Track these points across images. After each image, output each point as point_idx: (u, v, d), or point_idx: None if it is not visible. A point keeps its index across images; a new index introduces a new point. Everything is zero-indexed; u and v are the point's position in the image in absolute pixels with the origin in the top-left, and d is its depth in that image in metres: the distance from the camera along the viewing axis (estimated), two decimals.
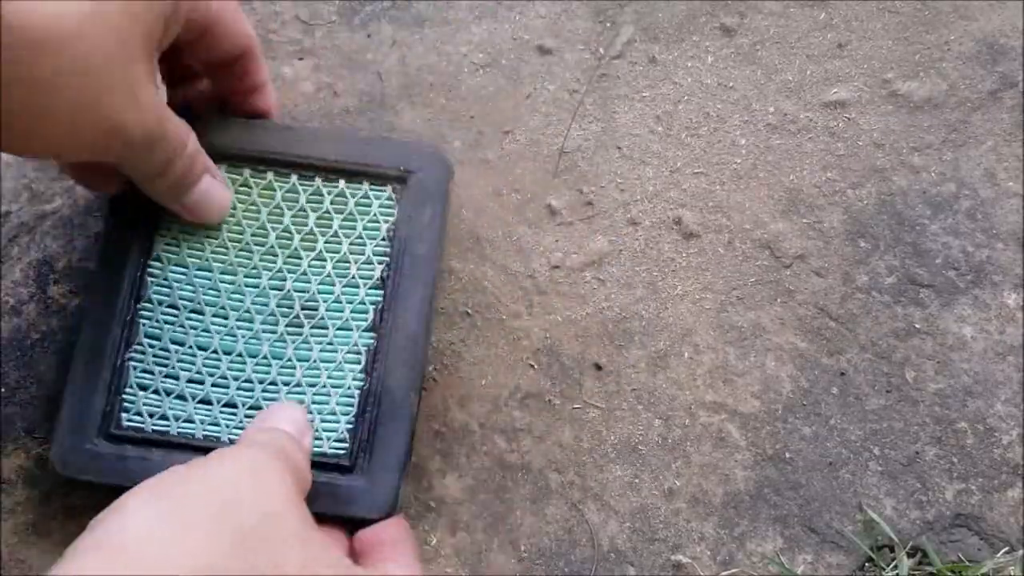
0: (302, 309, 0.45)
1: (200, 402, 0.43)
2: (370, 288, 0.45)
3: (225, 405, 0.43)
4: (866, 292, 0.50)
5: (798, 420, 0.48)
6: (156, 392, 0.43)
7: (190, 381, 0.43)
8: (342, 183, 0.46)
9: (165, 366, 0.44)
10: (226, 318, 0.44)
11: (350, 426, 0.43)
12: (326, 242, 0.46)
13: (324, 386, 0.44)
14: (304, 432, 0.40)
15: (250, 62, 0.45)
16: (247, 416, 0.43)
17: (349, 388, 0.44)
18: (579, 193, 0.51)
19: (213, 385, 0.43)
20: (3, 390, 0.47)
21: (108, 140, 0.39)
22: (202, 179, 0.44)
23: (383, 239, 0.46)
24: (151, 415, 0.43)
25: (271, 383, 0.44)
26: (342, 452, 0.43)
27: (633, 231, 0.50)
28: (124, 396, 0.43)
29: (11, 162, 0.52)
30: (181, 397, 0.43)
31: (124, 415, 0.43)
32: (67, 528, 0.45)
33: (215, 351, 0.44)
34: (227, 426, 0.43)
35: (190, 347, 0.44)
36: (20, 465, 0.46)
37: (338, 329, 0.44)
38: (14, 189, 0.51)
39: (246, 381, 0.44)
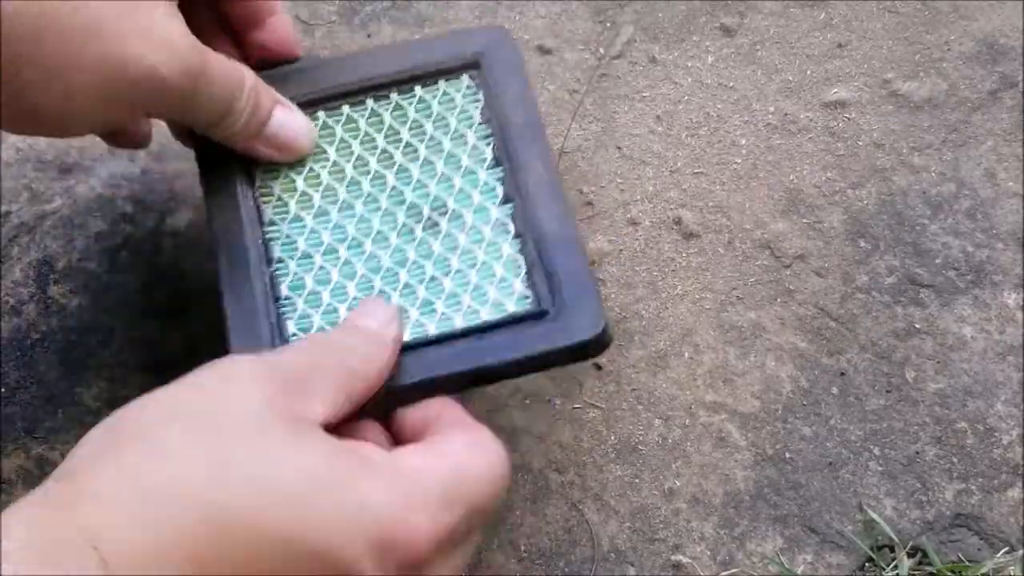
0: (432, 211, 0.43)
1: None
2: (488, 168, 0.44)
3: None
4: (866, 292, 0.50)
5: (798, 420, 0.48)
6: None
7: (350, 308, 0.42)
8: (418, 89, 0.45)
9: (319, 306, 0.42)
10: (360, 245, 0.43)
11: (525, 282, 0.41)
12: (426, 147, 0.44)
13: (484, 263, 0.42)
14: (388, 323, 0.38)
15: None
16: (419, 316, 0.41)
17: (509, 255, 0.42)
18: (579, 193, 0.51)
19: None
20: (3, 390, 0.47)
21: (148, 89, 0.37)
22: (275, 110, 0.42)
23: (480, 124, 0.45)
24: None
25: (431, 279, 0.42)
26: (529, 304, 0.41)
27: (633, 231, 0.51)
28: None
29: (11, 162, 0.52)
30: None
31: None
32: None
33: (364, 276, 0.42)
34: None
35: (339, 283, 0.42)
36: (20, 465, 0.46)
37: (475, 213, 0.43)
38: (14, 189, 0.51)
39: (405, 287, 0.42)
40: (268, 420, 0.32)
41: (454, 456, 0.34)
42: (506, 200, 0.43)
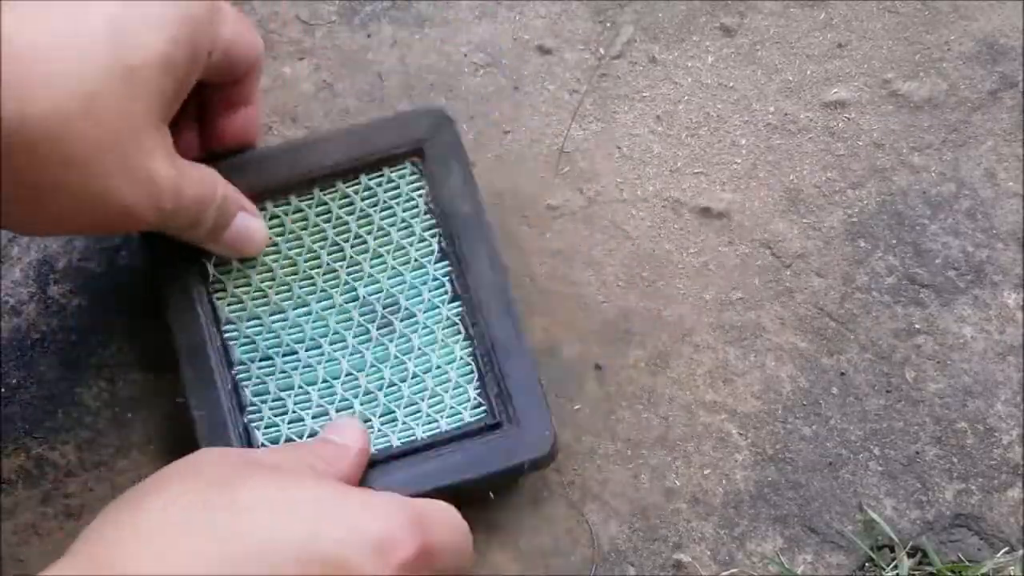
0: (384, 308, 0.45)
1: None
2: (436, 263, 0.45)
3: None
4: (866, 292, 0.50)
5: (798, 420, 0.48)
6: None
7: (315, 417, 0.44)
8: (363, 178, 0.46)
9: (284, 414, 0.44)
10: (319, 347, 0.44)
11: (478, 390, 0.44)
12: (375, 239, 0.46)
13: (438, 367, 0.44)
14: (357, 439, 0.40)
15: (253, 76, 0.43)
16: (381, 425, 0.44)
17: (461, 358, 0.44)
18: (579, 193, 0.51)
19: (337, 410, 0.44)
20: (3, 390, 0.47)
21: (123, 220, 0.38)
22: (236, 218, 0.43)
23: (425, 213, 0.46)
24: None
25: (389, 385, 0.44)
26: (483, 415, 0.43)
27: (633, 231, 0.50)
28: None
29: None
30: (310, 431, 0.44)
31: None
32: (67, 528, 0.45)
33: (325, 381, 0.44)
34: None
35: (300, 387, 0.44)
36: (20, 465, 0.46)
37: (425, 312, 0.45)
38: None
39: (366, 394, 0.44)
40: (254, 468, 0.35)
41: (418, 501, 0.37)
42: (455, 298, 0.45)
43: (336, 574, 0.32)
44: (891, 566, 0.45)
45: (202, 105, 0.44)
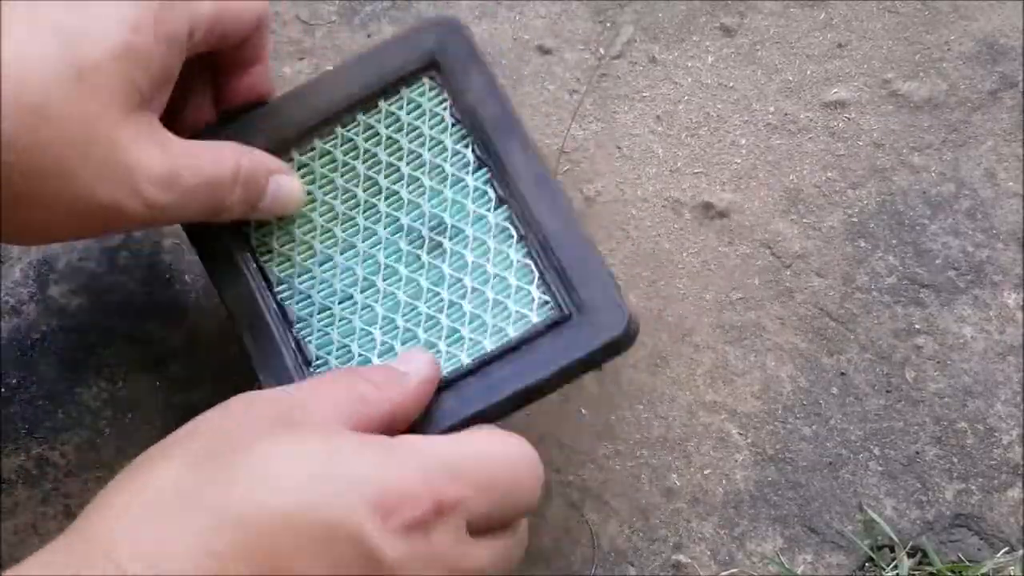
0: (431, 230, 0.43)
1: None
2: (474, 172, 0.43)
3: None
4: (866, 292, 0.50)
5: (798, 420, 0.48)
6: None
7: (381, 356, 0.42)
8: (383, 105, 0.45)
9: (351, 359, 0.42)
10: (373, 285, 0.43)
11: (541, 288, 0.41)
12: (407, 163, 0.44)
13: (496, 275, 0.42)
14: (421, 367, 0.39)
15: (258, 36, 0.42)
16: (448, 347, 0.42)
17: (518, 260, 0.42)
18: (579, 193, 0.51)
19: (403, 343, 0.42)
20: (3, 390, 0.47)
21: (110, 220, 0.37)
22: (269, 184, 0.42)
23: (453, 125, 0.44)
24: None
25: (450, 305, 0.42)
26: (550, 312, 0.41)
27: (633, 231, 0.51)
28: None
29: None
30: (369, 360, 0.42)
31: None
32: (67, 528, 0.45)
33: (385, 317, 0.43)
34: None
35: (362, 329, 0.43)
36: (20, 465, 0.46)
37: (473, 224, 0.43)
38: None
39: (428, 320, 0.42)
40: (263, 426, 0.34)
41: (464, 440, 0.36)
42: (500, 203, 0.43)
43: (325, 537, 0.31)
44: (891, 566, 0.45)
45: (212, 67, 0.43)
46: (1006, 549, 0.45)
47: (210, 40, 0.40)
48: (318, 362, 0.43)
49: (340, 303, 0.43)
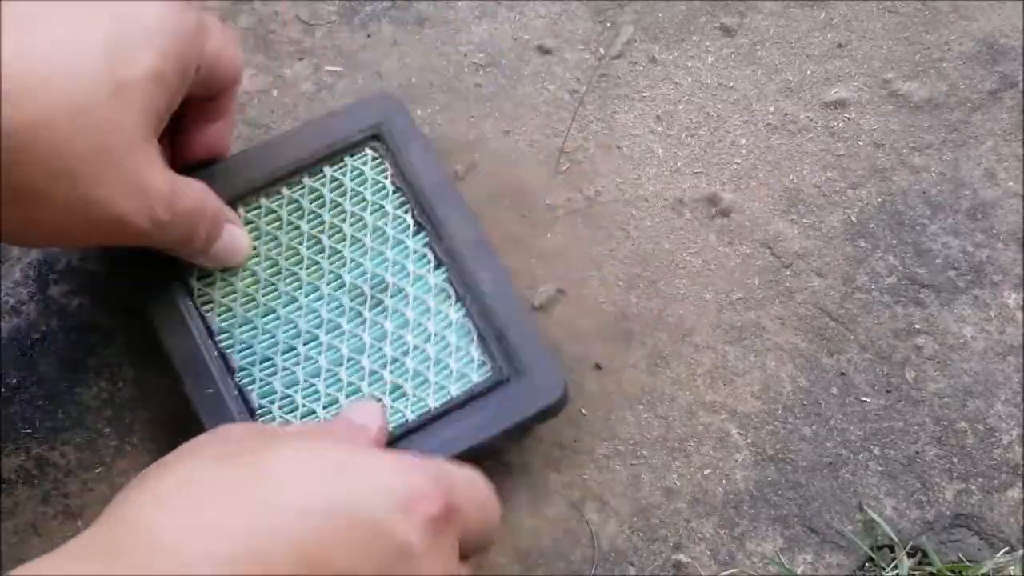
0: (372, 288, 0.45)
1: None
2: (414, 235, 0.46)
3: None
4: (866, 292, 0.50)
5: (798, 420, 0.48)
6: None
7: (326, 407, 0.44)
8: (327, 170, 0.47)
9: (295, 409, 0.44)
10: (316, 338, 0.45)
11: (480, 349, 0.44)
12: (350, 224, 0.46)
13: (437, 334, 0.44)
14: (373, 418, 0.40)
15: (231, 91, 0.44)
16: (392, 402, 0.43)
17: (457, 320, 0.44)
18: (579, 193, 0.51)
19: (346, 396, 0.44)
20: (3, 390, 0.47)
21: (117, 231, 0.38)
22: (223, 231, 0.43)
23: (394, 191, 0.47)
24: None
25: (392, 361, 0.44)
26: (490, 372, 0.43)
27: (633, 231, 0.50)
28: None
29: None
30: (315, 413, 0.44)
31: None
32: (67, 528, 0.45)
33: (328, 370, 0.44)
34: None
35: (305, 380, 0.44)
36: (20, 465, 0.46)
37: (413, 284, 0.45)
38: None
39: (372, 375, 0.44)
40: (287, 435, 0.35)
41: (453, 464, 0.37)
42: (439, 264, 0.45)
43: (364, 532, 0.32)
44: (891, 566, 0.45)
45: (174, 118, 0.44)
46: (1006, 549, 0.45)
47: (204, 82, 0.41)
48: (261, 411, 0.44)
49: (282, 354, 0.44)
